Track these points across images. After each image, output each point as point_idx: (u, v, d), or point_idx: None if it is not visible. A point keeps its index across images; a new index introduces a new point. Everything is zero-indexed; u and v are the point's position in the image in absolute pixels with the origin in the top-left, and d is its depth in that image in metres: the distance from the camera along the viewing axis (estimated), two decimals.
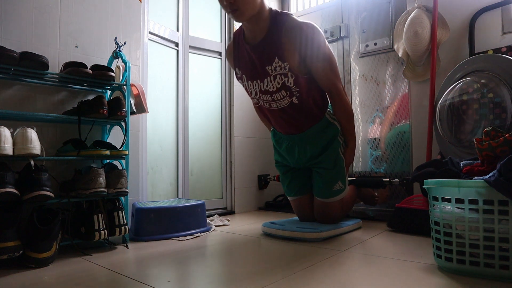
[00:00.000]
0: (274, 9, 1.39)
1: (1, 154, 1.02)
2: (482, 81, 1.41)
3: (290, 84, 1.36)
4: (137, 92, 1.52)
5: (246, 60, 1.43)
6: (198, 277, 1.01)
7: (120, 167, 1.35)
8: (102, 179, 1.24)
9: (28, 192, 1.06)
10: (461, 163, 1.16)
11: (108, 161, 1.41)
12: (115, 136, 1.51)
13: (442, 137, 1.54)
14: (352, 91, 2.16)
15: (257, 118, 1.75)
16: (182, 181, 2.01)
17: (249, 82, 1.45)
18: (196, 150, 2.11)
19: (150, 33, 1.85)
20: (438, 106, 1.54)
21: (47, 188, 1.09)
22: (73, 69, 1.27)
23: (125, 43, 1.51)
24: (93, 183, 1.22)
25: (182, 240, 1.42)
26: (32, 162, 1.11)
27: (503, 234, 0.85)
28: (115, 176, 1.29)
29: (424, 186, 1.01)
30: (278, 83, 1.37)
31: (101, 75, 1.33)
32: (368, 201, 1.91)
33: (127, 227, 1.30)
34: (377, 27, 2.05)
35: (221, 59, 2.28)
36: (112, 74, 1.36)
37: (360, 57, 2.12)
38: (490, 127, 1.00)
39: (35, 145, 1.09)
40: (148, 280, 0.93)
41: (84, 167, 1.33)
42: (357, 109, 2.13)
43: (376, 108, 2.06)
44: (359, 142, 2.12)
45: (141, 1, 1.72)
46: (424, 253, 1.12)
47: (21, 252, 1.03)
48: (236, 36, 1.49)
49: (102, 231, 1.22)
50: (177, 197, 1.99)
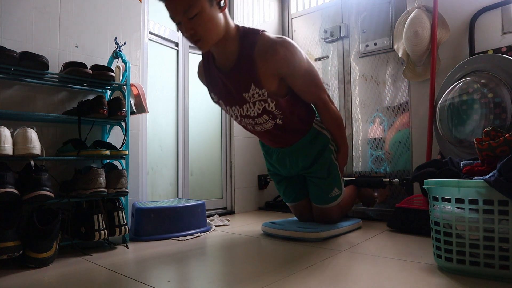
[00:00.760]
0: (241, 26, 1.25)
1: (1, 154, 1.02)
2: (482, 81, 1.41)
3: (272, 108, 1.29)
4: (137, 92, 1.52)
5: (221, 86, 1.32)
6: (198, 277, 1.01)
7: (120, 167, 1.35)
8: (102, 179, 1.24)
9: (28, 192, 1.06)
10: (461, 163, 1.16)
11: (108, 161, 1.41)
12: (115, 136, 1.51)
13: (442, 137, 1.54)
14: (352, 91, 2.16)
15: None
16: (182, 181, 2.01)
17: (228, 108, 1.37)
18: (196, 150, 2.11)
19: (150, 33, 1.85)
20: (438, 106, 1.54)
21: (47, 188, 1.09)
22: (73, 69, 1.27)
23: (125, 43, 1.51)
24: (93, 183, 1.22)
25: (182, 240, 1.42)
26: (32, 162, 1.11)
27: (503, 234, 0.85)
28: (115, 176, 1.29)
29: (424, 186, 1.01)
30: (259, 109, 1.29)
31: (101, 75, 1.33)
32: (368, 203, 1.91)
33: (127, 227, 1.30)
34: (377, 27, 2.05)
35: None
36: (112, 74, 1.36)
37: (360, 57, 2.12)
38: (490, 127, 1.00)
39: (35, 145, 1.09)
40: (148, 280, 0.93)
41: (84, 167, 1.33)
42: (357, 109, 2.13)
43: (376, 108, 2.06)
44: (359, 142, 2.12)
45: (141, 1, 1.72)
46: (424, 253, 1.12)
47: (21, 252, 1.03)
48: (206, 58, 1.36)
49: (102, 231, 1.22)
50: (177, 197, 1.99)
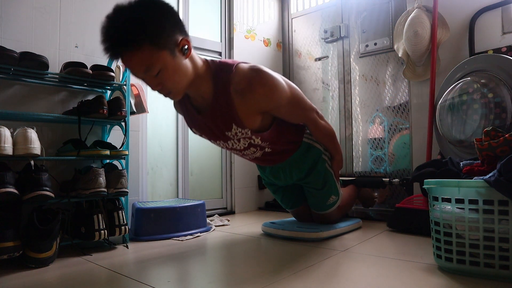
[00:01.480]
0: (210, 61, 1.17)
1: (1, 154, 1.02)
2: (482, 81, 1.41)
3: (258, 142, 1.26)
4: (137, 92, 1.52)
5: (201, 125, 1.26)
6: (198, 277, 1.01)
7: (120, 167, 1.35)
8: (102, 179, 1.24)
9: (28, 192, 1.06)
10: (461, 163, 1.16)
11: (108, 161, 1.41)
12: (115, 136, 1.51)
13: (442, 137, 1.54)
14: (352, 91, 2.16)
15: None
16: (182, 181, 2.01)
17: (212, 141, 1.33)
18: (196, 150, 2.11)
19: None
20: (438, 106, 1.54)
21: (47, 188, 1.09)
22: (73, 69, 1.27)
23: None
24: (93, 183, 1.22)
25: (182, 240, 1.42)
26: (32, 162, 1.11)
27: (503, 234, 0.85)
28: (115, 176, 1.29)
29: (424, 186, 1.01)
30: (245, 144, 1.26)
31: (101, 75, 1.33)
32: (368, 204, 1.91)
33: (127, 227, 1.30)
34: (377, 27, 2.05)
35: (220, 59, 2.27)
36: (112, 74, 1.36)
37: (360, 57, 2.12)
38: (490, 127, 1.00)
39: (35, 145, 1.09)
40: (148, 280, 0.93)
41: (84, 167, 1.33)
42: (357, 109, 2.13)
43: (376, 108, 2.06)
44: (359, 142, 2.12)
45: None
46: (424, 253, 1.12)
47: (21, 252, 1.03)
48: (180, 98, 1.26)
49: (102, 231, 1.22)
50: (177, 197, 1.99)
